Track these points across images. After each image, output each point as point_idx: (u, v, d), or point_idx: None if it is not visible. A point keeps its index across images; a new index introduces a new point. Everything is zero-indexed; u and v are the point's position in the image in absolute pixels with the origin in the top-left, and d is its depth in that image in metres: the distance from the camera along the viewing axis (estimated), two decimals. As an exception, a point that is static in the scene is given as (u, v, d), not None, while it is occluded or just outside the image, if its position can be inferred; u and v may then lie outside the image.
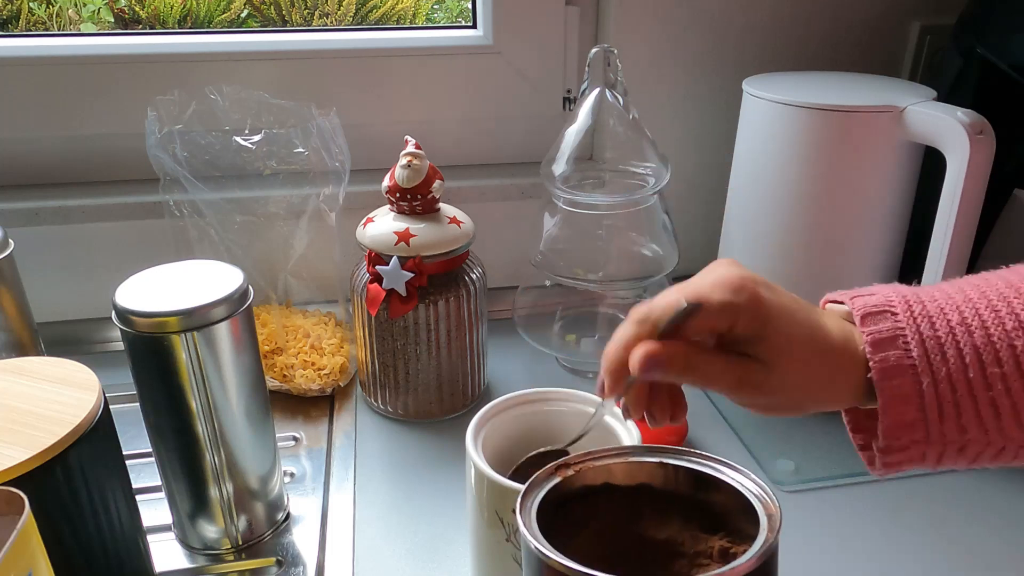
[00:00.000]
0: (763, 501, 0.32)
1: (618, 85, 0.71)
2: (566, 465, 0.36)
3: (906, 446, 0.38)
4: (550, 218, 0.76)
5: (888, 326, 0.39)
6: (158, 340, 0.49)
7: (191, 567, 0.57)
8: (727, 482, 0.34)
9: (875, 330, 0.39)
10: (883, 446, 0.39)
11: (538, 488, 0.35)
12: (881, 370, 0.38)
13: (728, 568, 0.27)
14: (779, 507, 0.31)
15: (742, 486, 0.33)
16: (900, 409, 0.38)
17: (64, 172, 0.83)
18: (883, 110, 0.63)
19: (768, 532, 0.30)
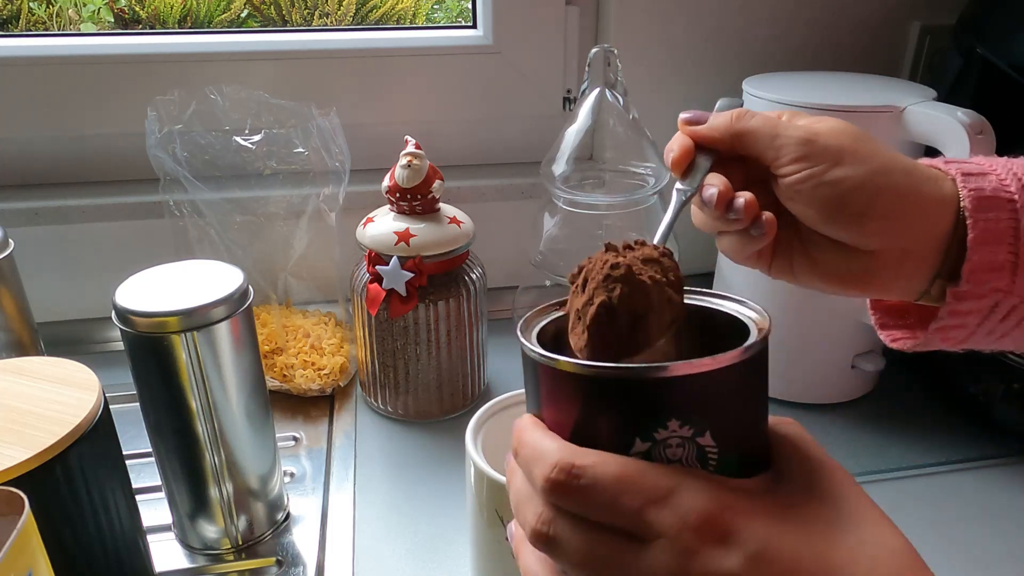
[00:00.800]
0: (756, 320, 0.32)
1: (618, 85, 0.71)
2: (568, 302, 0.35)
3: (984, 294, 0.35)
4: (550, 218, 0.76)
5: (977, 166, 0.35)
6: (158, 340, 0.49)
7: (191, 567, 0.57)
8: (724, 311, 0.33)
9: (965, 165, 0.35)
10: (961, 291, 0.35)
11: (538, 319, 0.35)
12: (976, 199, 0.34)
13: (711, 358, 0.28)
14: (770, 320, 0.31)
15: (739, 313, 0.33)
16: (993, 247, 0.34)
17: (64, 172, 0.83)
18: (883, 110, 0.63)
19: (756, 336, 0.30)
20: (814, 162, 0.35)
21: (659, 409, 0.28)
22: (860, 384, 0.75)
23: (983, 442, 0.68)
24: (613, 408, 0.29)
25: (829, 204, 0.36)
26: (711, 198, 0.36)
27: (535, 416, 0.32)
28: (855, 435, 0.70)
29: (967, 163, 0.36)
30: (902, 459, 0.67)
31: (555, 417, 0.31)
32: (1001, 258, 0.34)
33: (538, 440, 0.30)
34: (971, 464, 0.66)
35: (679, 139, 0.39)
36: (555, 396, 0.31)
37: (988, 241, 0.34)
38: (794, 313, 0.71)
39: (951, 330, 0.37)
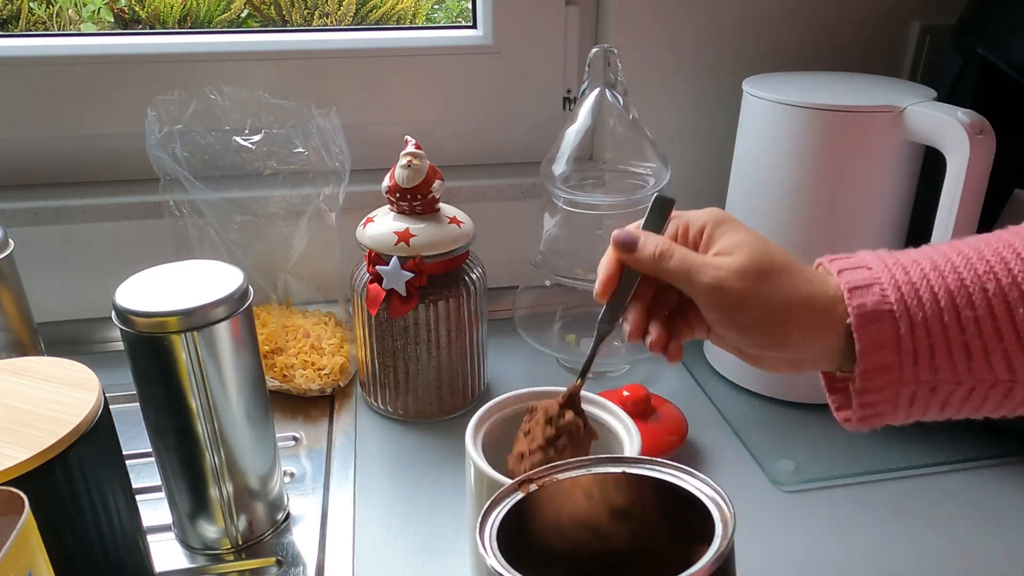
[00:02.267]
0: (719, 506, 0.33)
1: (618, 85, 0.71)
2: (529, 480, 0.37)
3: (880, 387, 0.40)
4: (550, 218, 0.76)
5: (864, 275, 0.40)
6: (158, 340, 0.49)
7: (191, 567, 0.57)
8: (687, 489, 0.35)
9: (852, 278, 0.40)
10: (859, 387, 0.40)
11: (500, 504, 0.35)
12: (860, 315, 0.39)
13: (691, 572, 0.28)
14: (733, 512, 0.32)
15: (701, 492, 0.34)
16: (877, 354, 0.39)
17: (64, 172, 0.83)
18: (883, 110, 0.63)
19: (722, 539, 0.31)
20: (723, 310, 0.42)
21: None
22: (860, 384, 0.74)
23: (983, 442, 0.68)
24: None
25: (741, 334, 0.42)
26: (626, 333, 0.44)
27: None
28: (855, 435, 0.70)
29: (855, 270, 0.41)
30: (902, 459, 0.67)
31: None
32: (887, 360, 0.39)
33: None
34: (971, 464, 0.66)
35: (607, 266, 0.45)
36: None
37: (873, 350, 0.39)
38: (794, 313, 0.71)
39: (873, 418, 0.42)
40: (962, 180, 0.58)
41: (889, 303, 0.39)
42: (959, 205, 0.59)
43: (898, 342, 0.38)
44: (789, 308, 0.41)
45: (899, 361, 0.39)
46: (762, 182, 0.70)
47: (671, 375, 0.79)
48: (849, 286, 0.40)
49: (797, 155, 0.67)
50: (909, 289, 0.39)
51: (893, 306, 0.39)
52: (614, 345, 0.82)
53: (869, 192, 0.67)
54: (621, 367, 0.79)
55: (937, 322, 0.38)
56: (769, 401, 0.74)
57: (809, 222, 0.68)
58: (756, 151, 0.71)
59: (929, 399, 0.40)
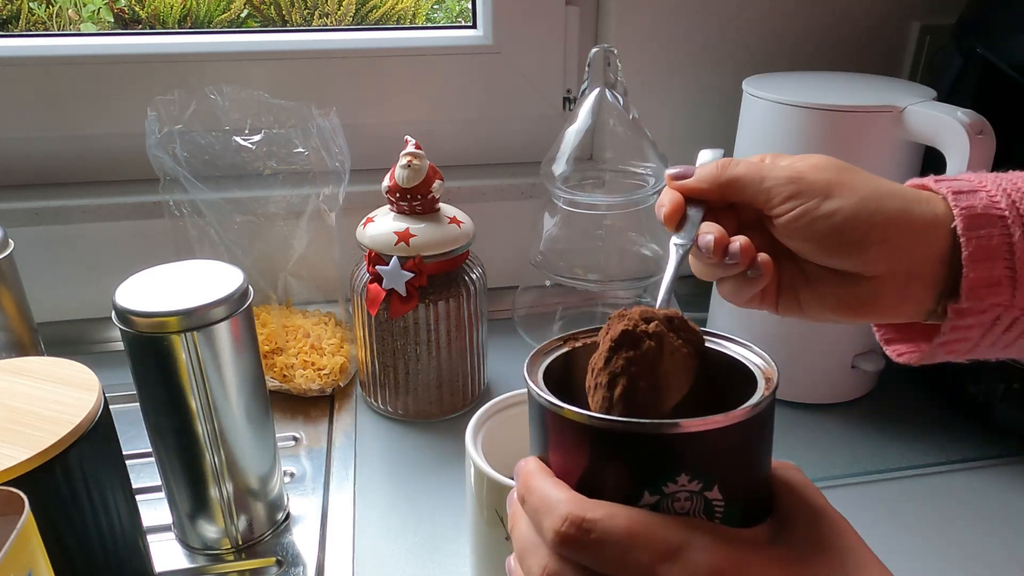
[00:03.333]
0: (763, 369, 0.32)
1: (618, 85, 0.71)
2: (574, 338, 0.35)
3: (984, 309, 0.35)
4: (550, 218, 0.76)
5: (967, 183, 0.36)
6: (158, 340, 0.49)
7: (191, 567, 0.57)
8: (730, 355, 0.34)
9: (955, 183, 0.36)
10: (963, 307, 0.35)
11: (543, 357, 0.34)
12: (967, 218, 0.34)
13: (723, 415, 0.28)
14: (777, 371, 0.31)
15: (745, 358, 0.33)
16: (988, 264, 0.34)
17: (64, 172, 0.83)
18: (883, 110, 0.63)
19: (764, 390, 0.30)
20: (805, 198, 0.36)
21: (670, 464, 0.28)
22: (860, 384, 0.75)
23: (983, 442, 0.68)
24: (623, 461, 0.29)
25: (826, 237, 0.36)
26: (707, 245, 0.37)
27: (540, 460, 0.32)
28: (855, 435, 0.70)
29: (957, 180, 0.37)
30: (902, 459, 0.67)
31: (562, 464, 0.31)
32: (998, 273, 0.34)
33: (547, 489, 0.30)
34: (971, 464, 0.66)
35: (668, 194, 0.39)
36: (563, 444, 0.30)
37: (983, 258, 0.34)
38: (794, 313, 0.71)
39: (954, 343, 0.37)
40: (962, 180, 0.58)
41: (999, 208, 0.34)
42: (959, 205, 0.59)
43: (1011, 250, 0.34)
44: (880, 197, 0.36)
45: (1012, 276, 0.34)
46: (762, 182, 0.70)
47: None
48: (953, 190, 0.35)
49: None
50: (1020, 196, 0.34)
51: (1005, 211, 0.34)
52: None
53: (869, 192, 0.66)
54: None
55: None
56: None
57: (809, 222, 0.68)
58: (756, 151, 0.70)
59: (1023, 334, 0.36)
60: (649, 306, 0.35)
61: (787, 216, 0.37)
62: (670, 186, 0.40)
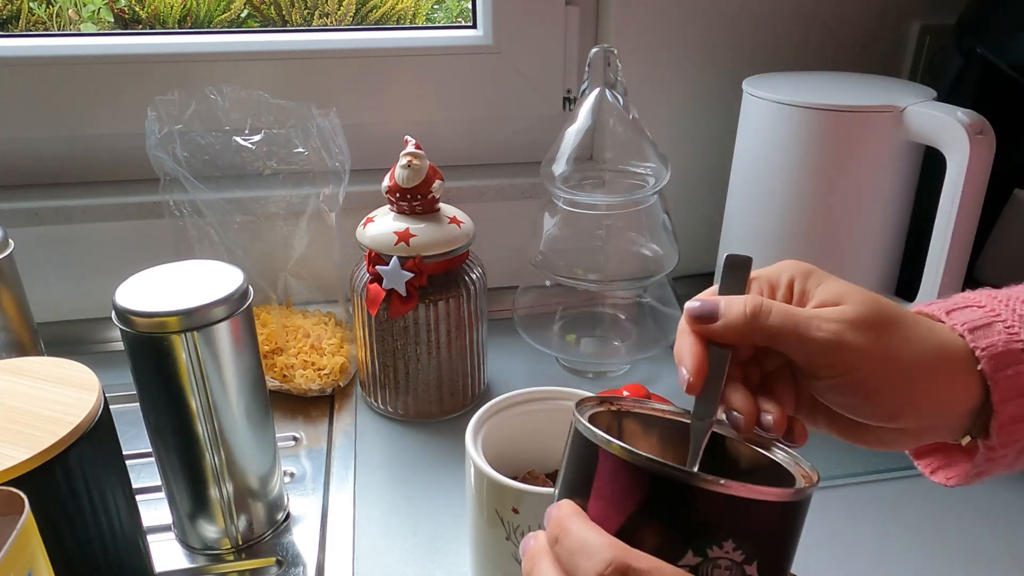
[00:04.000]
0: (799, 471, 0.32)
1: (618, 85, 0.71)
2: (611, 401, 0.35)
3: (1014, 441, 0.34)
4: (550, 218, 0.76)
5: (979, 314, 0.35)
6: (158, 340, 0.49)
7: (191, 567, 0.57)
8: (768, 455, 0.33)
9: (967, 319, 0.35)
10: (995, 443, 0.34)
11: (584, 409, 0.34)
12: (991, 357, 0.33)
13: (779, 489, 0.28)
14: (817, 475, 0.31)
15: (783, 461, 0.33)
16: (1017, 402, 0.33)
17: (64, 172, 0.83)
18: (883, 110, 0.63)
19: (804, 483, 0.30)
20: (843, 373, 0.34)
21: (721, 526, 0.28)
22: (860, 384, 0.74)
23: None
24: (674, 514, 0.28)
25: (864, 402, 0.35)
26: (738, 424, 0.35)
27: (574, 503, 0.30)
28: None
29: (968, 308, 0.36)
30: (902, 459, 0.66)
31: (603, 510, 0.29)
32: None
33: (587, 533, 0.28)
34: (971, 464, 0.66)
35: (690, 348, 0.35)
36: (610, 488, 0.29)
37: (1012, 397, 0.34)
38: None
39: (990, 470, 0.37)
40: (962, 180, 0.59)
41: (1020, 340, 0.33)
42: (959, 205, 0.59)
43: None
44: (922, 366, 0.34)
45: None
46: (762, 182, 0.70)
47: (671, 375, 0.79)
48: (968, 327, 0.34)
49: (797, 155, 0.67)
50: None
51: None
52: (614, 345, 0.82)
53: (869, 192, 0.67)
54: (621, 367, 0.79)
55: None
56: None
57: (809, 222, 0.68)
58: (756, 151, 0.71)
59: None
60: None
61: (825, 382, 0.35)
62: (691, 329, 0.35)
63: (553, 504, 0.31)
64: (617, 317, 0.85)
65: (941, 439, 0.37)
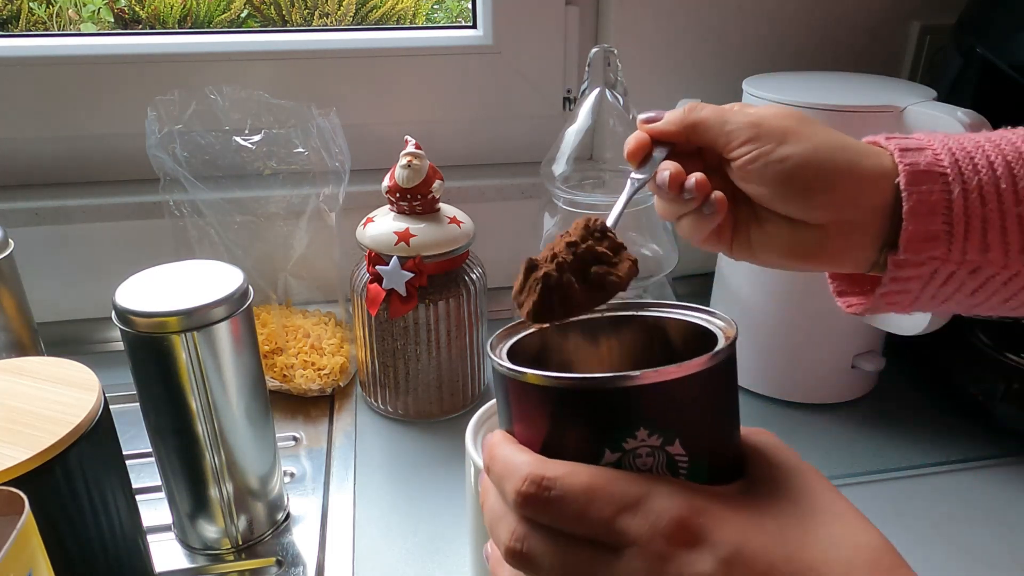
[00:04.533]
0: (723, 329, 0.32)
1: (618, 85, 0.71)
2: None
3: (922, 261, 0.37)
4: (550, 218, 0.76)
5: (915, 142, 0.38)
6: (158, 340, 0.49)
7: (191, 567, 0.57)
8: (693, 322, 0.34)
9: (903, 141, 0.38)
10: (900, 259, 0.37)
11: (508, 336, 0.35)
12: (911, 173, 0.36)
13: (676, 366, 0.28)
14: (736, 329, 0.32)
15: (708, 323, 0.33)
16: (927, 218, 0.36)
17: (64, 172, 0.83)
18: (883, 110, 0.63)
19: (723, 343, 0.31)
20: (762, 143, 0.38)
21: (627, 418, 0.28)
22: (860, 384, 0.75)
23: (983, 442, 0.68)
24: (581, 419, 0.29)
25: (778, 181, 0.38)
26: (663, 181, 0.39)
27: (506, 432, 0.32)
28: (855, 435, 0.70)
29: (907, 139, 0.38)
30: (902, 459, 0.67)
31: (525, 431, 0.31)
32: (935, 228, 0.36)
33: (509, 455, 0.30)
34: (971, 464, 0.66)
35: (635, 135, 0.42)
36: (525, 410, 0.31)
37: (922, 212, 0.36)
38: (794, 313, 0.71)
39: (896, 295, 0.39)
40: (962, 180, 0.58)
41: (942, 166, 0.36)
42: (959, 205, 0.59)
43: (950, 207, 0.36)
44: (833, 147, 0.38)
45: (948, 231, 0.36)
46: (762, 182, 0.70)
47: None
48: (900, 147, 0.37)
49: (797, 155, 0.66)
50: (964, 156, 0.36)
51: (947, 169, 0.36)
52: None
53: (869, 192, 0.66)
54: (621, 367, 0.79)
55: (993, 190, 0.36)
56: (769, 401, 0.74)
57: (809, 222, 0.68)
58: (756, 151, 0.71)
59: (964, 281, 0.37)
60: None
61: (744, 158, 0.38)
62: (639, 128, 0.42)
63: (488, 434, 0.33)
64: (617, 317, 0.84)
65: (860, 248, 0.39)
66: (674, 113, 0.41)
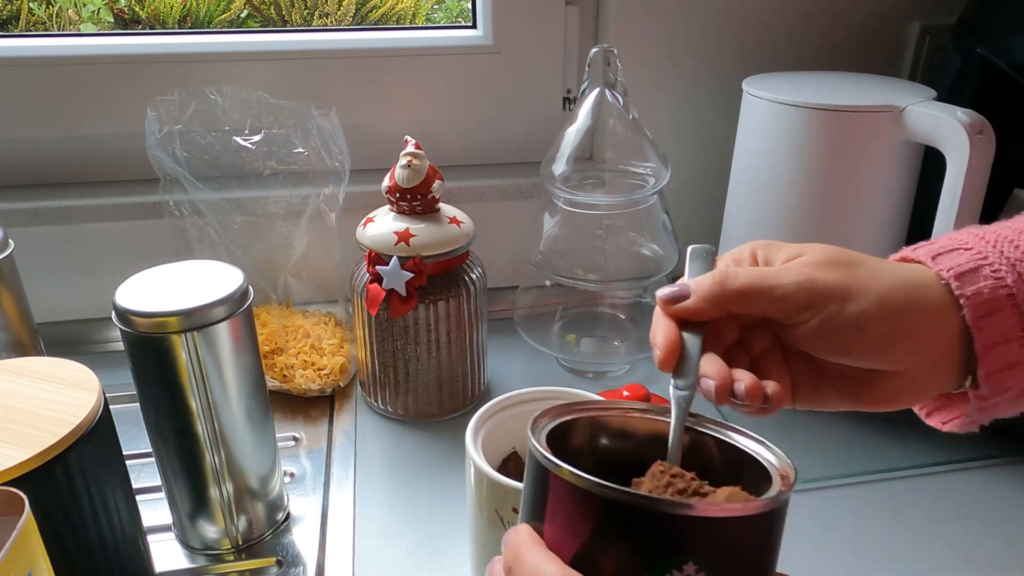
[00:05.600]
0: (778, 467, 0.31)
1: (618, 85, 0.71)
2: (581, 407, 0.34)
3: (1008, 387, 0.34)
4: (550, 218, 0.76)
5: (966, 258, 0.34)
6: (158, 340, 0.49)
7: (191, 567, 0.57)
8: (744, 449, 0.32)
9: (955, 261, 0.34)
10: (984, 392, 0.34)
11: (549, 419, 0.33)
12: (975, 306, 0.33)
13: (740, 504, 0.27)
14: (795, 471, 0.30)
15: (759, 455, 0.32)
16: (1002, 348, 0.33)
17: (64, 172, 0.83)
18: (883, 110, 0.63)
19: (781, 487, 0.29)
20: (824, 304, 0.34)
21: (678, 548, 0.26)
22: (860, 384, 0.74)
23: (983, 442, 0.68)
24: (629, 539, 0.27)
25: (853, 341, 0.34)
26: (709, 392, 0.34)
27: (533, 528, 0.29)
28: (855, 435, 0.70)
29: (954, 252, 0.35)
30: (902, 459, 0.67)
31: (558, 535, 0.28)
32: (1013, 356, 0.33)
33: (539, 562, 0.28)
34: (971, 464, 0.66)
35: (663, 330, 0.35)
36: (563, 512, 0.28)
37: (997, 343, 0.33)
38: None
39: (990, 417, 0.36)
40: (962, 180, 0.59)
41: (1006, 285, 0.33)
42: (959, 205, 0.59)
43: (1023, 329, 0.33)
44: (898, 291, 0.34)
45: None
46: (762, 182, 0.70)
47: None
48: (955, 273, 0.33)
49: (797, 155, 0.67)
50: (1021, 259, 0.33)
51: (1012, 287, 0.32)
52: (614, 345, 0.82)
53: (869, 192, 0.67)
54: (621, 367, 0.79)
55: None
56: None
57: (809, 222, 0.68)
58: (756, 151, 0.71)
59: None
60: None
61: (807, 325, 0.34)
62: (665, 312, 0.36)
63: (512, 528, 0.30)
64: (617, 317, 0.85)
65: (942, 383, 0.36)
66: (704, 287, 0.35)
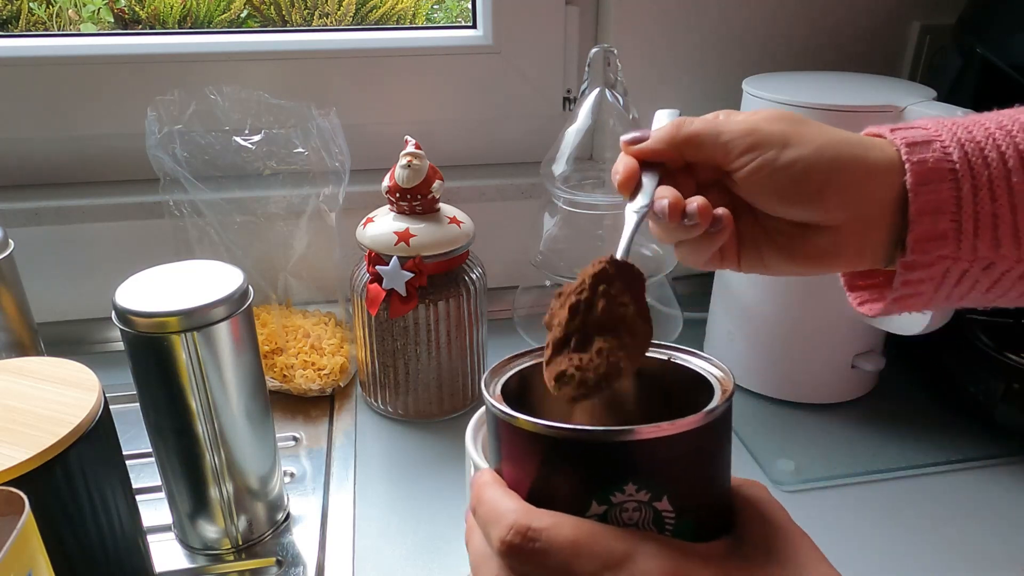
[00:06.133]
0: (720, 379, 0.32)
1: (618, 85, 0.71)
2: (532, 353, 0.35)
3: (932, 261, 0.35)
4: (550, 218, 0.76)
5: (922, 133, 0.36)
6: (158, 340, 0.49)
7: (191, 567, 0.57)
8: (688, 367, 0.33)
9: (909, 133, 0.36)
10: (908, 260, 0.36)
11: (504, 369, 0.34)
12: (918, 172, 0.34)
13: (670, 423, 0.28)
14: (733, 381, 0.31)
15: (703, 370, 0.33)
16: (934, 218, 0.34)
17: (64, 172, 0.83)
18: (883, 110, 0.63)
19: (719, 399, 0.30)
20: (763, 150, 0.36)
21: (616, 472, 0.28)
22: (860, 384, 0.75)
23: (983, 442, 0.68)
24: (571, 469, 0.29)
25: (788, 186, 0.36)
26: (663, 210, 0.36)
27: (495, 471, 0.32)
28: (855, 435, 0.70)
29: (912, 128, 0.37)
30: (902, 459, 0.67)
31: (514, 474, 0.31)
32: (943, 227, 0.35)
33: (496, 499, 0.30)
34: (971, 464, 0.66)
35: (622, 160, 0.39)
36: (514, 453, 0.30)
37: (929, 212, 0.35)
38: (794, 313, 0.71)
39: (909, 298, 0.38)
40: (962, 180, 0.58)
41: (951, 160, 0.34)
42: (959, 205, 0.59)
43: (959, 205, 0.34)
44: (837, 144, 0.36)
45: (958, 230, 0.34)
46: (762, 182, 0.70)
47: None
48: (907, 141, 0.35)
49: (797, 155, 0.66)
50: (973, 148, 0.34)
51: (956, 164, 0.34)
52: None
53: (869, 192, 0.66)
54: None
55: (1003, 184, 0.34)
56: (769, 401, 0.74)
57: (809, 222, 0.68)
58: (756, 151, 0.71)
59: (979, 279, 0.36)
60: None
61: (747, 168, 0.37)
62: (625, 151, 0.39)
63: (477, 471, 0.32)
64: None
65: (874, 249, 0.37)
66: (661, 130, 0.39)
